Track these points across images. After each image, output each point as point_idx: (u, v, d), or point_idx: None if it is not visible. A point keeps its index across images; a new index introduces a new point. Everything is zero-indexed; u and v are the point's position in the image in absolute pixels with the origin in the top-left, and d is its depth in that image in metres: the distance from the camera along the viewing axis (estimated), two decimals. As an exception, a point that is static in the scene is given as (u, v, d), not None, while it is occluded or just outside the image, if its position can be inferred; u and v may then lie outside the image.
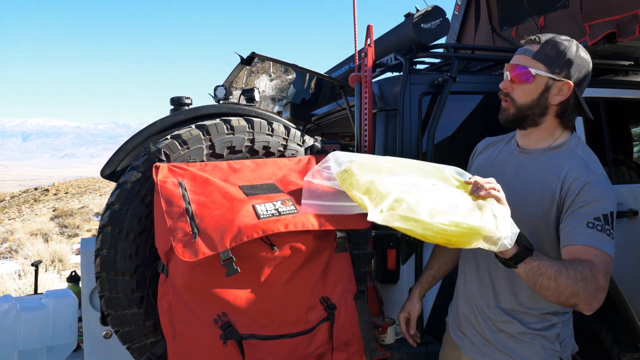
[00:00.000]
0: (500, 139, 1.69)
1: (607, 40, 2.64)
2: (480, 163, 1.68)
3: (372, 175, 1.25)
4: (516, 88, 1.45)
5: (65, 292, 2.59)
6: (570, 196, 1.35)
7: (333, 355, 1.51)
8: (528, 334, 1.48)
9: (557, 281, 1.18)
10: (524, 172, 1.50)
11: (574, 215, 1.33)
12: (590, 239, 1.27)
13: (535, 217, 1.42)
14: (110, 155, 1.73)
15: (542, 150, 1.49)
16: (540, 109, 1.45)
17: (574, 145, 1.48)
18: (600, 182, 1.35)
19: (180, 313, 1.40)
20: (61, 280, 7.23)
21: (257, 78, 3.26)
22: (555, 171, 1.42)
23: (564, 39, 1.43)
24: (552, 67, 1.40)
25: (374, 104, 2.25)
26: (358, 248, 1.78)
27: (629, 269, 2.51)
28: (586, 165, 1.40)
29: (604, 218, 1.29)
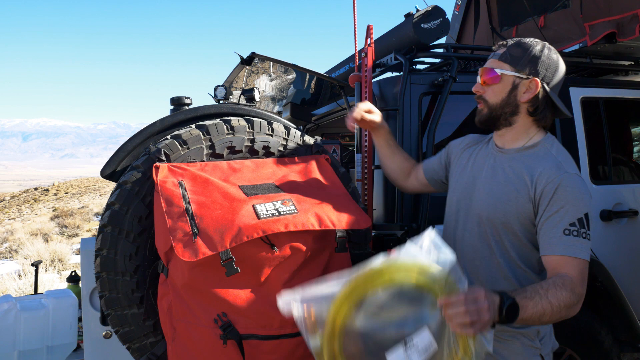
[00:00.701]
0: (482, 139, 1.71)
1: (607, 40, 2.64)
2: (462, 163, 1.68)
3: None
4: (487, 89, 1.51)
5: (65, 292, 2.59)
6: (545, 198, 1.39)
7: (333, 355, 1.51)
8: (508, 332, 1.49)
9: (545, 317, 1.24)
10: (500, 171, 1.53)
11: (551, 221, 1.37)
12: (567, 248, 1.33)
13: (510, 216, 1.45)
14: (110, 155, 1.73)
15: (517, 150, 1.53)
16: (511, 108, 1.49)
17: (548, 145, 1.51)
18: (574, 183, 1.38)
19: (180, 313, 1.40)
20: (61, 280, 7.22)
21: (257, 78, 3.26)
22: (529, 171, 1.45)
23: (530, 40, 1.49)
24: (517, 66, 1.46)
25: (374, 104, 2.24)
26: (358, 248, 1.78)
27: (629, 269, 2.51)
28: (559, 166, 1.42)
29: (579, 222, 1.34)
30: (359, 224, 1.54)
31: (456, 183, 1.66)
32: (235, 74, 2.96)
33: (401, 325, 1.13)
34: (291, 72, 3.16)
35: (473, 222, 1.53)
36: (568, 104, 2.49)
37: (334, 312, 1.14)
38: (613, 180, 2.65)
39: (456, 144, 1.76)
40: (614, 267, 2.38)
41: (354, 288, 1.15)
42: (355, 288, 1.15)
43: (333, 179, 1.70)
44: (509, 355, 1.49)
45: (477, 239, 1.52)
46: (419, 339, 1.12)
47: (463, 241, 1.56)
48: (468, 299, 1.09)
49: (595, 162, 2.59)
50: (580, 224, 1.34)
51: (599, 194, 2.49)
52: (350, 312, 1.13)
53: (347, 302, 1.14)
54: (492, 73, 1.49)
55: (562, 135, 2.46)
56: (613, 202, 2.51)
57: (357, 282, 1.15)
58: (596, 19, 2.71)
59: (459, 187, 1.63)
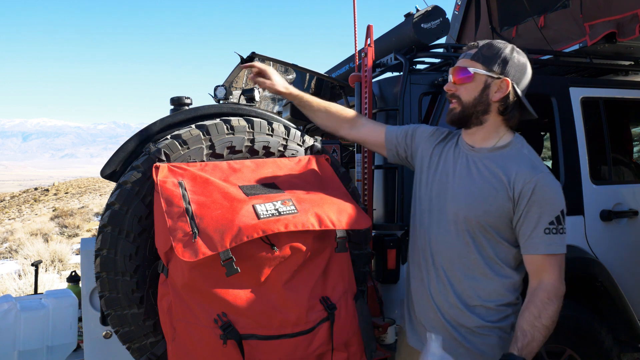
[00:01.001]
0: (451, 136, 1.72)
1: (607, 40, 2.64)
2: (434, 162, 1.68)
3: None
4: (459, 88, 1.55)
5: (65, 292, 2.59)
6: (523, 199, 1.45)
7: (333, 355, 1.51)
8: (486, 327, 1.53)
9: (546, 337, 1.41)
10: (474, 170, 1.56)
11: (531, 221, 1.44)
12: (549, 246, 1.43)
13: (490, 214, 1.49)
14: (110, 155, 1.72)
15: (489, 150, 1.56)
16: (483, 106, 1.53)
17: (519, 145, 1.56)
18: (549, 183, 1.46)
19: (180, 313, 1.40)
20: (61, 280, 7.22)
21: (257, 78, 3.26)
22: (505, 171, 1.49)
23: (500, 41, 1.55)
24: (489, 66, 1.51)
25: (374, 104, 2.25)
26: (358, 248, 1.78)
27: (629, 269, 2.51)
28: (534, 166, 1.49)
29: (556, 220, 1.44)
30: (359, 224, 1.54)
31: (427, 180, 1.66)
32: (235, 74, 2.96)
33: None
34: (291, 72, 3.16)
35: (449, 220, 1.56)
36: (568, 104, 2.50)
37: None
38: (613, 180, 2.65)
39: (426, 134, 1.75)
40: (614, 267, 2.39)
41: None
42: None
43: (333, 179, 1.70)
44: (487, 349, 1.52)
45: (454, 237, 1.55)
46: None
47: (439, 239, 1.58)
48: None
49: (595, 162, 2.59)
50: (558, 221, 1.44)
51: (599, 194, 2.49)
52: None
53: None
54: (465, 72, 1.53)
55: (562, 135, 2.46)
56: (613, 202, 2.51)
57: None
58: (596, 19, 2.71)
59: (431, 185, 1.65)
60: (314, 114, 1.84)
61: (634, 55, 2.89)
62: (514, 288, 1.53)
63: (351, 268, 1.66)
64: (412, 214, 1.71)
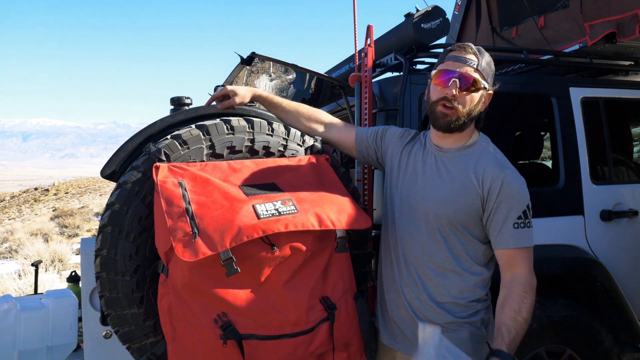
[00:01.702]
0: (418, 136, 1.74)
1: (607, 40, 2.64)
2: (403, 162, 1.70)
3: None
4: (462, 96, 1.53)
5: (65, 292, 2.59)
6: (492, 195, 1.51)
7: (334, 355, 1.51)
8: (456, 323, 1.56)
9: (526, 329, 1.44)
10: (443, 169, 1.59)
11: (500, 217, 1.50)
12: (519, 240, 1.49)
13: (459, 212, 1.53)
14: (110, 155, 1.73)
15: (457, 150, 1.60)
16: (474, 116, 1.58)
17: (485, 143, 1.62)
18: (515, 179, 1.51)
19: (180, 313, 1.40)
20: (61, 280, 7.22)
21: (257, 78, 3.26)
22: (473, 169, 1.55)
23: (484, 50, 1.58)
24: (487, 79, 1.56)
25: (374, 104, 2.24)
26: (358, 248, 1.78)
27: (629, 269, 2.51)
28: (500, 163, 1.55)
29: (524, 214, 1.50)
30: (359, 224, 1.54)
31: (397, 179, 1.69)
32: (235, 74, 2.96)
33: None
34: (291, 72, 3.16)
35: (419, 219, 1.59)
36: (568, 104, 2.50)
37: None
38: (613, 180, 2.65)
39: (395, 135, 1.77)
40: (614, 267, 2.39)
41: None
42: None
43: (333, 179, 1.70)
44: (459, 344, 1.52)
45: (424, 235, 1.58)
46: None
47: (410, 238, 1.61)
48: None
49: (595, 162, 2.59)
50: (525, 215, 1.50)
51: (599, 194, 2.49)
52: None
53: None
54: (474, 83, 1.52)
55: (562, 135, 2.46)
56: (613, 202, 2.51)
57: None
58: (596, 19, 2.71)
59: (401, 185, 1.67)
60: (285, 115, 1.84)
61: (634, 55, 2.88)
62: (483, 284, 1.58)
63: (351, 268, 1.66)
64: (384, 213, 1.75)
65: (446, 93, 1.53)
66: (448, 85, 1.52)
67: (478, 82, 1.52)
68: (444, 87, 1.53)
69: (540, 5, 3.15)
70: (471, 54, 1.53)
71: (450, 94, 1.52)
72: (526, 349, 2.22)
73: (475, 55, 1.54)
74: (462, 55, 1.54)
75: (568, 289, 2.49)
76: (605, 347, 2.34)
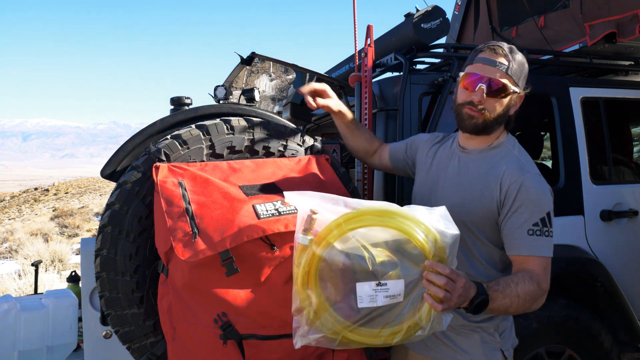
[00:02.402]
0: (446, 139, 1.72)
1: (607, 40, 2.64)
2: (428, 163, 1.70)
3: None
4: (489, 101, 1.47)
5: (65, 292, 2.59)
6: (508, 199, 1.44)
7: (334, 355, 1.51)
8: (468, 326, 1.53)
9: (511, 309, 1.31)
10: (464, 171, 1.55)
11: (515, 222, 1.42)
12: (532, 248, 1.40)
13: (475, 216, 1.48)
14: (110, 155, 1.73)
15: (481, 151, 1.56)
16: (502, 119, 1.52)
17: (510, 145, 1.55)
18: (536, 183, 1.43)
19: (180, 313, 1.40)
20: (61, 280, 7.22)
21: (257, 78, 3.26)
22: (493, 172, 1.49)
23: (518, 51, 1.50)
24: (518, 82, 1.48)
25: (374, 104, 2.25)
26: (358, 248, 1.78)
27: (629, 269, 2.51)
28: (521, 166, 1.47)
29: (541, 222, 1.40)
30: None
31: (421, 180, 1.69)
32: (235, 74, 2.96)
33: (382, 265, 1.17)
34: (291, 72, 3.16)
35: None
36: (568, 104, 2.50)
37: (332, 227, 1.18)
38: (613, 180, 2.65)
39: (423, 140, 1.78)
40: (614, 267, 2.39)
41: (360, 217, 1.18)
42: (361, 217, 1.18)
43: (333, 179, 1.70)
44: (469, 348, 1.53)
45: None
46: (392, 284, 1.17)
47: None
48: (451, 276, 1.15)
49: (595, 162, 2.59)
50: (543, 223, 1.40)
51: (599, 194, 2.49)
52: (344, 234, 1.17)
53: (348, 225, 1.18)
54: (502, 88, 1.45)
55: (562, 135, 2.47)
56: (613, 202, 2.51)
57: (366, 213, 1.19)
58: (596, 19, 2.71)
59: (422, 185, 1.66)
60: (351, 139, 1.88)
61: (634, 55, 2.89)
62: None
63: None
64: None
65: (472, 98, 1.47)
66: (475, 91, 1.46)
67: (507, 87, 1.44)
68: (470, 92, 1.47)
69: (540, 5, 3.15)
70: (502, 57, 1.45)
71: (476, 100, 1.47)
72: (526, 349, 2.22)
73: (506, 57, 1.45)
74: (492, 57, 1.46)
75: (568, 289, 2.49)
76: (605, 347, 2.34)
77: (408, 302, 1.19)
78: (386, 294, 1.17)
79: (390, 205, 1.21)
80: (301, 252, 1.20)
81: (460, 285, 1.16)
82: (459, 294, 1.16)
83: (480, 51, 1.50)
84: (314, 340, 1.21)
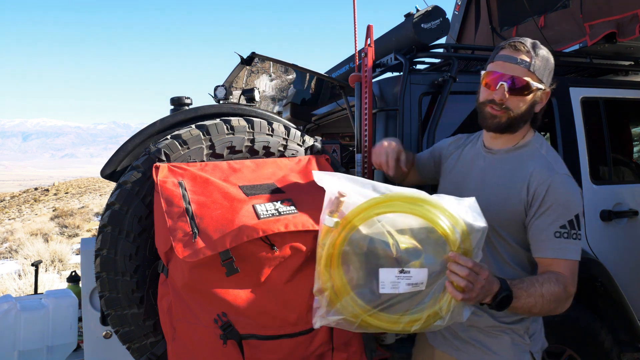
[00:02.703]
0: (470, 140, 1.70)
1: (607, 40, 2.64)
2: (452, 164, 1.68)
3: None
4: (512, 99, 1.44)
5: (65, 292, 2.59)
6: (536, 200, 1.40)
7: (333, 355, 1.51)
8: (498, 327, 1.50)
9: (535, 309, 1.30)
10: (490, 172, 1.53)
11: (542, 223, 1.39)
12: (558, 251, 1.36)
13: (501, 217, 1.45)
14: (110, 155, 1.73)
15: (506, 151, 1.53)
16: (527, 117, 1.48)
17: (538, 144, 1.52)
18: (564, 184, 1.40)
19: (180, 313, 1.40)
20: (61, 280, 7.22)
21: (257, 78, 3.26)
22: (520, 172, 1.46)
23: (542, 46, 1.46)
24: (542, 78, 1.44)
25: (374, 104, 2.24)
26: (358, 248, 1.78)
27: (629, 269, 2.51)
28: (550, 166, 1.43)
29: (569, 224, 1.37)
30: (359, 224, 1.54)
31: (445, 183, 1.67)
32: (235, 74, 2.96)
33: (406, 252, 1.17)
34: (291, 72, 3.16)
35: None
36: (568, 104, 2.50)
37: (359, 211, 1.18)
38: (613, 180, 2.65)
39: (446, 144, 1.77)
40: (614, 267, 2.38)
41: (388, 202, 1.18)
42: (389, 203, 1.18)
43: (333, 179, 1.70)
44: (499, 349, 1.51)
45: None
46: (415, 272, 1.17)
47: None
48: (474, 268, 1.14)
49: (595, 162, 2.59)
50: (571, 226, 1.37)
51: (599, 194, 2.49)
52: (370, 218, 1.17)
53: (375, 209, 1.17)
54: (525, 86, 1.42)
55: (562, 135, 2.46)
56: (613, 202, 2.51)
57: (394, 199, 1.19)
58: (596, 19, 2.71)
59: (447, 187, 1.64)
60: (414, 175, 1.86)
61: (634, 55, 2.89)
62: None
63: None
64: None
65: (494, 96, 1.44)
66: (496, 89, 1.43)
67: (529, 84, 1.41)
68: (492, 90, 1.45)
69: (540, 5, 3.15)
70: (523, 54, 1.42)
71: (497, 98, 1.44)
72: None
73: (528, 53, 1.41)
74: (513, 54, 1.43)
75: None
76: (605, 347, 2.34)
77: (430, 292, 1.19)
78: (409, 282, 1.17)
79: (419, 193, 1.20)
80: (326, 234, 1.20)
81: (483, 277, 1.16)
82: (481, 286, 1.16)
83: (502, 48, 1.47)
84: (333, 322, 1.21)
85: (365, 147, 2.22)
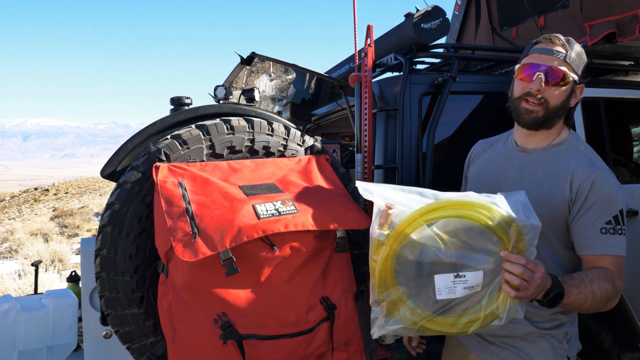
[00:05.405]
0: (496, 140, 1.69)
1: (607, 40, 2.64)
2: (480, 167, 1.67)
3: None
4: (549, 90, 1.42)
5: (65, 292, 2.60)
6: (580, 197, 1.39)
7: (333, 355, 1.51)
8: (537, 333, 1.48)
9: (585, 305, 1.29)
10: (527, 173, 1.50)
11: (587, 220, 1.38)
12: (606, 247, 1.35)
13: (543, 218, 1.41)
14: (110, 155, 1.73)
15: (543, 149, 1.50)
16: (563, 111, 1.47)
17: (575, 141, 1.50)
18: (607, 180, 1.39)
19: (180, 313, 1.40)
20: (61, 280, 7.22)
21: (257, 78, 3.26)
22: (561, 170, 1.43)
23: (574, 40, 1.46)
24: (577, 71, 1.44)
25: (374, 104, 2.24)
26: (358, 248, 1.78)
27: (629, 269, 2.50)
28: (591, 163, 1.42)
29: (614, 220, 1.36)
30: (359, 224, 1.54)
31: (476, 187, 1.61)
32: (235, 74, 2.96)
33: (459, 256, 1.17)
34: (291, 72, 3.16)
35: None
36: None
37: (410, 220, 1.17)
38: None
39: (474, 153, 1.74)
40: (614, 267, 2.38)
41: (439, 209, 1.18)
42: (440, 210, 1.18)
43: (333, 179, 1.70)
44: (537, 355, 1.48)
45: None
46: (470, 275, 1.17)
47: None
48: (528, 266, 1.13)
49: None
50: (616, 221, 1.36)
51: (599, 194, 2.48)
52: (421, 225, 1.17)
53: (426, 216, 1.17)
54: (563, 76, 1.40)
55: (562, 135, 2.46)
56: (613, 202, 2.50)
57: (445, 205, 1.18)
58: (596, 19, 2.71)
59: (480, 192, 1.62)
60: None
61: (634, 55, 2.89)
62: None
63: (351, 268, 1.66)
64: None
65: (530, 88, 1.42)
66: (532, 80, 1.42)
67: (567, 75, 1.40)
68: (528, 82, 1.43)
69: (540, 5, 3.15)
70: (559, 46, 1.42)
71: (534, 89, 1.42)
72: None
73: (564, 46, 1.42)
74: (549, 47, 1.43)
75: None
76: (605, 347, 2.34)
77: (486, 292, 1.19)
78: (465, 285, 1.17)
79: (469, 196, 1.20)
80: (377, 247, 1.20)
81: (540, 275, 1.15)
82: (537, 284, 1.14)
83: (536, 43, 1.47)
84: (392, 331, 1.22)
85: (365, 147, 2.22)
